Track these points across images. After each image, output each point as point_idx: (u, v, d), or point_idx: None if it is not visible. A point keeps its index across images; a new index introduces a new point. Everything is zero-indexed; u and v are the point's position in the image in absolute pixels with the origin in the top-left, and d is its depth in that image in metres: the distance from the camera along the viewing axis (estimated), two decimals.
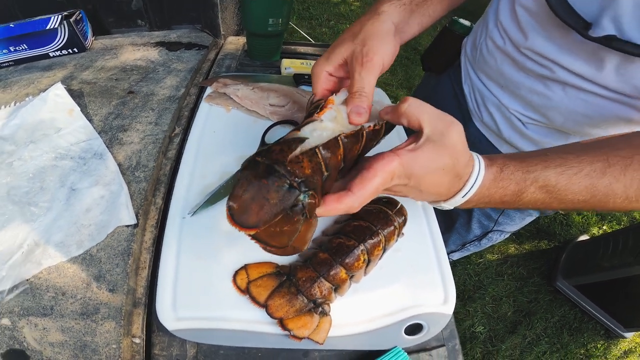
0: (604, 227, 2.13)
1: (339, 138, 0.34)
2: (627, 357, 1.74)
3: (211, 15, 0.88)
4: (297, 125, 0.37)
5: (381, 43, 0.43)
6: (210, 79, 0.71)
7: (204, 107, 0.65)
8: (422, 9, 0.54)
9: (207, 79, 0.75)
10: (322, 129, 0.36)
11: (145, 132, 0.59)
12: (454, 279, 0.49)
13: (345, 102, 0.40)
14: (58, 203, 0.48)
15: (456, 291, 0.49)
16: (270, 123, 0.62)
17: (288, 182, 0.29)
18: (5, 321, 0.40)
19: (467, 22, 0.76)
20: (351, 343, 0.45)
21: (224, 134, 0.61)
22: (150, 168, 0.54)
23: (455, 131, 0.35)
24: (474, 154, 0.39)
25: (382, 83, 2.85)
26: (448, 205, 0.41)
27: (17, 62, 0.78)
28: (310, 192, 0.30)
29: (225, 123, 0.63)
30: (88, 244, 0.45)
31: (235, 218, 0.29)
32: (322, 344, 0.43)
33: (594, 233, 2.10)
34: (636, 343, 1.77)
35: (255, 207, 0.29)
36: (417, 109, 0.36)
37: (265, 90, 0.65)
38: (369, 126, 0.37)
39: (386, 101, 0.45)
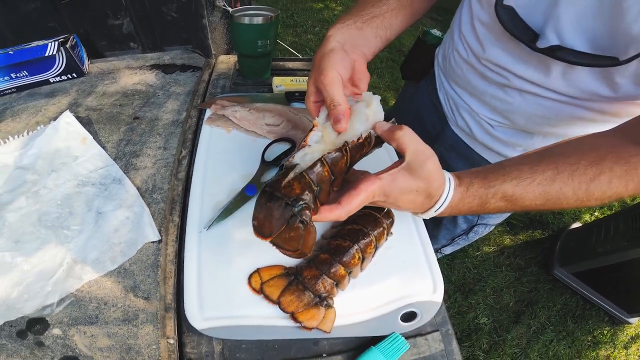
0: (596, 214, 2.25)
1: (322, 158, 0.45)
2: (635, 342, 1.82)
3: (201, 37, 0.98)
4: (292, 153, 0.48)
5: (329, 60, 0.52)
6: (209, 101, 0.81)
7: (205, 129, 0.75)
8: (373, 24, 0.61)
9: (205, 101, 0.86)
10: (312, 152, 0.47)
11: (156, 156, 0.70)
12: (454, 273, 0.60)
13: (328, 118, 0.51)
14: (88, 225, 0.58)
15: (457, 284, 0.60)
16: (269, 141, 0.72)
17: (284, 202, 0.42)
18: (57, 331, 0.50)
19: (438, 33, 0.86)
20: (354, 331, 0.55)
21: (227, 153, 0.71)
22: (165, 190, 0.64)
23: (431, 162, 0.46)
24: (447, 176, 0.49)
25: (370, 86, 3.01)
26: (425, 216, 0.52)
27: (19, 88, 0.86)
28: (303, 205, 0.43)
29: (227, 143, 0.73)
30: (121, 259, 0.55)
31: (257, 231, 0.43)
32: (329, 332, 0.52)
33: (586, 220, 2.21)
34: None
35: (267, 222, 0.43)
36: (406, 139, 0.46)
37: (260, 110, 0.76)
38: (352, 140, 0.47)
39: (377, 108, 0.54)
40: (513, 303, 1.88)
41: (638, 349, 1.81)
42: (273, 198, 0.43)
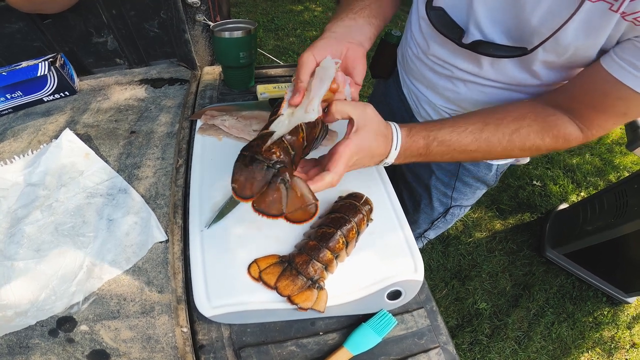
0: (582, 194, 2.37)
1: (299, 125, 0.53)
2: (638, 322, 1.91)
3: (185, 51, 1.08)
4: (267, 123, 0.56)
5: (313, 45, 0.60)
6: (198, 113, 0.91)
7: (198, 138, 0.85)
8: (363, 13, 0.69)
9: (195, 112, 0.96)
10: (285, 119, 0.55)
11: (156, 166, 0.80)
12: (449, 260, 0.69)
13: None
14: (101, 232, 0.68)
15: (452, 271, 0.69)
16: None
17: (266, 164, 0.48)
18: (84, 327, 0.59)
19: (398, 33, 0.96)
20: (346, 309, 0.64)
21: (220, 159, 0.82)
22: (167, 196, 0.75)
23: (369, 108, 0.57)
24: (388, 122, 0.61)
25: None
26: (389, 160, 0.62)
27: (15, 108, 0.95)
28: (282, 166, 0.49)
29: (219, 150, 0.84)
30: (134, 259, 0.66)
31: (238, 193, 0.48)
32: (323, 312, 0.61)
33: (573, 200, 2.33)
34: None
35: (249, 184, 0.48)
36: (342, 108, 0.56)
37: (247, 118, 0.87)
38: (321, 114, 0.56)
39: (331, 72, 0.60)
40: (510, 287, 1.98)
41: None
42: (255, 161, 0.48)
